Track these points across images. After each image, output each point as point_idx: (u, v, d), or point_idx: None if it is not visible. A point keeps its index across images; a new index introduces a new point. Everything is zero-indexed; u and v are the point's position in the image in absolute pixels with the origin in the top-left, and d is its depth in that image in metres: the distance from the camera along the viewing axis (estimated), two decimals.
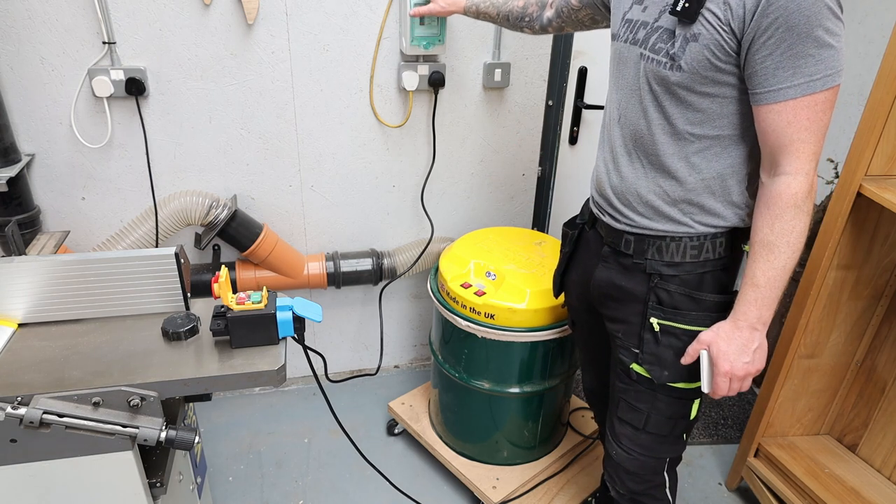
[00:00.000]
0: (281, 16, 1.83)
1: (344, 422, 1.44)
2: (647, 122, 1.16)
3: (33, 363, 1.12)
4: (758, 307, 1.11)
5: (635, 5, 1.18)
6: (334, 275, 2.14)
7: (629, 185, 1.23)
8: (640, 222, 1.23)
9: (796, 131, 1.02)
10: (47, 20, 1.68)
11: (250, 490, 1.99)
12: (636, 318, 1.27)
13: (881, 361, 1.79)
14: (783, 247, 1.07)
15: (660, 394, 1.29)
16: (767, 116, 1.03)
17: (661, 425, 1.32)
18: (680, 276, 1.22)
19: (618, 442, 1.39)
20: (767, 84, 1.01)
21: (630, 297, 1.27)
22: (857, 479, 1.78)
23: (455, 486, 2.02)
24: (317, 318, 1.20)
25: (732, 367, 1.14)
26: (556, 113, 2.17)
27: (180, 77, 1.83)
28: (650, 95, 1.14)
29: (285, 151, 2.02)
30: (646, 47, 1.12)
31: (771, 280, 1.09)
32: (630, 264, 1.27)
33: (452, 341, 1.83)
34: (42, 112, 1.78)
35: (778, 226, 1.06)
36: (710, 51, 1.03)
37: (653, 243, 1.22)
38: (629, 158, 1.22)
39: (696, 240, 1.19)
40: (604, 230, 1.33)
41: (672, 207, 1.19)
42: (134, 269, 1.23)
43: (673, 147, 1.15)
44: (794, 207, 1.05)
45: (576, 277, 1.48)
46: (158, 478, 1.20)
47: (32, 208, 1.84)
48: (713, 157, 1.14)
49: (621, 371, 1.34)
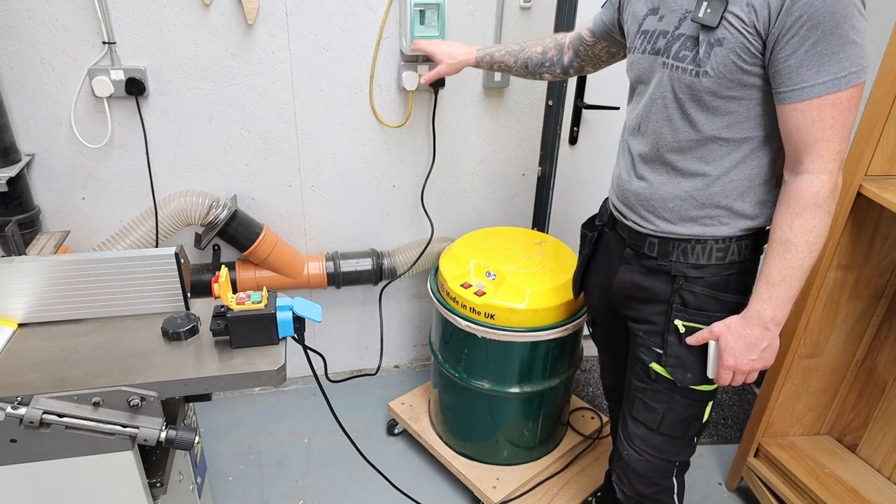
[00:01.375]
0: (281, 16, 1.83)
1: (344, 422, 1.44)
2: (671, 129, 1.15)
3: (33, 363, 1.12)
4: (772, 305, 1.09)
5: (650, 16, 1.17)
6: (334, 275, 2.14)
7: (655, 190, 1.21)
8: (665, 227, 1.22)
9: (820, 130, 1.00)
10: (47, 20, 1.68)
11: (250, 490, 1.99)
12: (659, 318, 1.26)
13: (881, 361, 1.79)
14: (801, 245, 1.05)
15: (677, 395, 1.28)
16: (791, 115, 1.02)
17: (676, 427, 1.31)
18: (705, 277, 1.20)
19: (630, 442, 1.38)
20: (791, 82, 0.99)
21: (653, 298, 1.26)
22: (857, 479, 1.78)
23: (455, 486, 2.02)
24: (317, 318, 1.20)
25: (737, 363, 1.13)
26: (556, 113, 2.17)
27: (180, 77, 1.83)
28: (675, 103, 1.13)
29: (285, 151, 2.02)
30: (668, 56, 1.11)
31: (787, 278, 1.07)
32: (654, 266, 1.25)
33: (452, 341, 1.83)
34: (42, 112, 1.78)
35: (797, 224, 1.05)
36: (736, 54, 1.02)
37: (678, 246, 1.21)
38: (653, 165, 1.21)
39: (721, 242, 1.18)
40: (626, 233, 1.31)
41: (699, 211, 1.17)
42: (134, 269, 1.23)
43: (700, 152, 1.13)
44: (815, 206, 1.04)
45: (597, 279, 1.47)
46: (158, 478, 1.20)
47: (32, 208, 1.84)
48: (741, 160, 1.12)
49: (639, 369, 1.32)
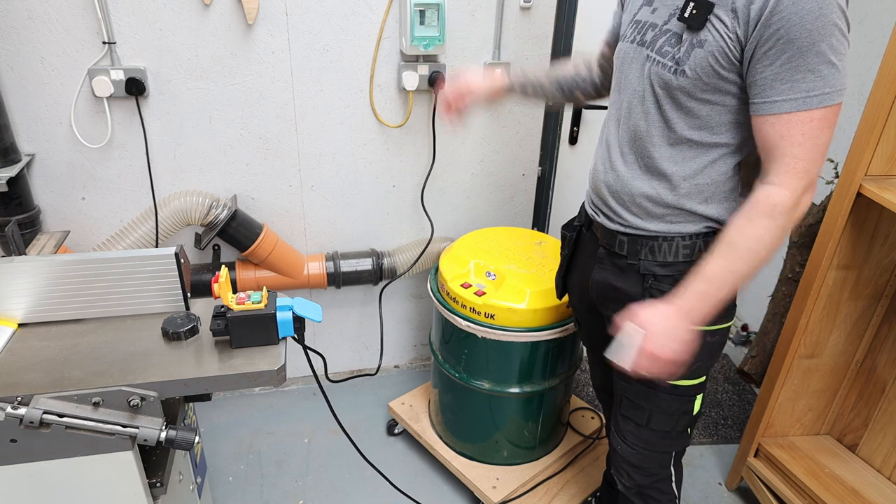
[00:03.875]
0: (281, 16, 1.83)
1: (344, 422, 1.44)
2: (647, 123, 1.16)
3: (33, 363, 1.12)
4: (701, 301, 1.08)
5: (644, 6, 1.17)
6: (334, 275, 2.14)
7: (624, 183, 1.22)
8: (633, 222, 1.23)
9: (789, 146, 1.00)
10: (47, 20, 1.68)
11: (250, 490, 1.99)
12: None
13: (881, 361, 1.79)
14: (744, 251, 1.05)
15: (660, 392, 1.29)
16: (763, 127, 1.03)
17: (664, 422, 1.33)
18: (673, 276, 1.21)
19: (622, 437, 1.40)
20: (765, 95, 1.00)
21: (626, 298, 1.27)
22: (857, 479, 1.77)
23: (455, 486, 2.02)
24: (317, 318, 1.20)
25: (658, 349, 1.07)
26: (556, 113, 2.17)
27: (180, 77, 1.83)
28: (652, 98, 1.13)
29: (285, 151, 2.02)
30: (653, 49, 1.12)
31: (722, 280, 1.06)
32: (624, 265, 1.27)
33: (452, 341, 1.83)
34: (42, 112, 1.78)
35: (747, 229, 1.05)
36: (715, 57, 1.02)
37: (646, 244, 1.22)
38: (625, 158, 1.22)
39: (688, 239, 1.19)
40: (599, 232, 1.33)
41: (664, 209, 1.19)
42: (134, 269, 1.23)
43: (670, 151, 1.14)
44: (769, 217, 1.03)
45: (576, 279, 1.49)
46: (158, 478, 1.20)
47: (32, 208, 1.84)
48: (708, 164, 1.13)
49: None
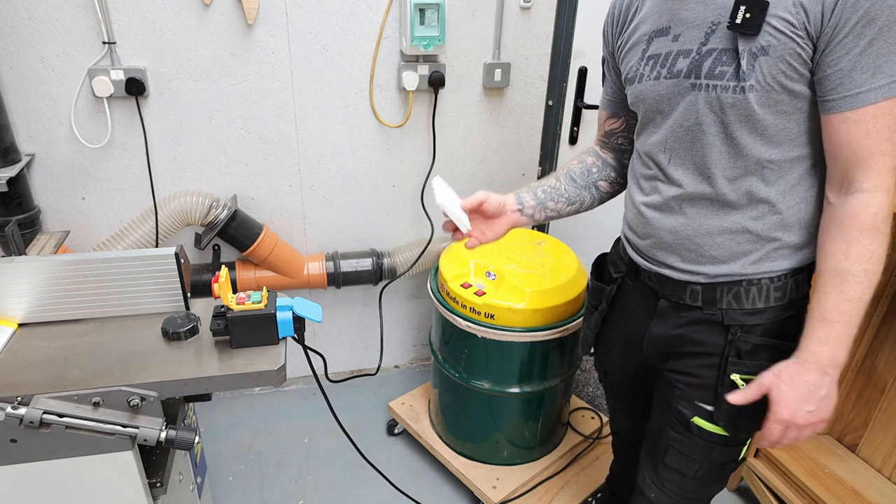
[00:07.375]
0: (281, 16, 1.83)
1: (344, 422, 1.44)
2: (713, 158, 1.00)
3: (33, 363, 1.12)
4: (830, 346, 0.95)
5: (658, 38, 1.03)
6: (334, 275, 2.14)
7: (697, 227, 1.05)
8: (711, 269, 1.06)
9: (876, 142, 0.87)
10: (47, 20, 1.68)
11: (250, 490, 1.99)
12: (707, 372, 1.11)
13: (881, 361, 1.79)
14: (860, 275, 0.92)
15: (717, 444, 1.15)
16: (842, 126, 0.89)
17: (713, 471, 1.20)
18: (763, 324, 1.06)
19: (660, 485, 1.26)
20: (843, 88, 0.87)
21: (700, 352, 1.11)
22: (857, 479, 1.77)
23: (455, 486, 2.02)
24: (317, 318, 1.20)
25: (793, 416, 0.98)
26: (556, 113, 2.17)
27: (180, 77, 1.83)
28: (716, 127, 0.98)
29: (285, 151, 2.02)
30: (699, 76, 0.97)
31: (845, 314, 0.94)
32: (699, 317, 1.09)
33: (452, 341, 1.83)
34: (42, 112, 1.78)
35: (854, 251, 0.92)
36: (786, 62, 0.89)
37: (728, 290, 1.06)
38: (691, 202, 1.05)
39: (778, 280, 1.04)
40: (657, 282, 1.15)
41: (753, 245, 1.03)
42: (134, 269, 1.22)
43: (749, 179, 0.99)
44: (874, 229, 0.91)
45: (618, 336, 1.30)
46: (158, 478, 1.20)
47: (32, 208, 1.84)
48: (796, 183, 0.99)
49: (677, 421, 1.18)
